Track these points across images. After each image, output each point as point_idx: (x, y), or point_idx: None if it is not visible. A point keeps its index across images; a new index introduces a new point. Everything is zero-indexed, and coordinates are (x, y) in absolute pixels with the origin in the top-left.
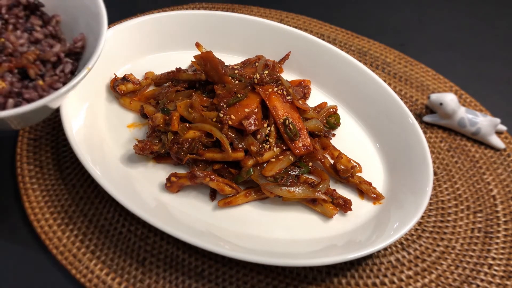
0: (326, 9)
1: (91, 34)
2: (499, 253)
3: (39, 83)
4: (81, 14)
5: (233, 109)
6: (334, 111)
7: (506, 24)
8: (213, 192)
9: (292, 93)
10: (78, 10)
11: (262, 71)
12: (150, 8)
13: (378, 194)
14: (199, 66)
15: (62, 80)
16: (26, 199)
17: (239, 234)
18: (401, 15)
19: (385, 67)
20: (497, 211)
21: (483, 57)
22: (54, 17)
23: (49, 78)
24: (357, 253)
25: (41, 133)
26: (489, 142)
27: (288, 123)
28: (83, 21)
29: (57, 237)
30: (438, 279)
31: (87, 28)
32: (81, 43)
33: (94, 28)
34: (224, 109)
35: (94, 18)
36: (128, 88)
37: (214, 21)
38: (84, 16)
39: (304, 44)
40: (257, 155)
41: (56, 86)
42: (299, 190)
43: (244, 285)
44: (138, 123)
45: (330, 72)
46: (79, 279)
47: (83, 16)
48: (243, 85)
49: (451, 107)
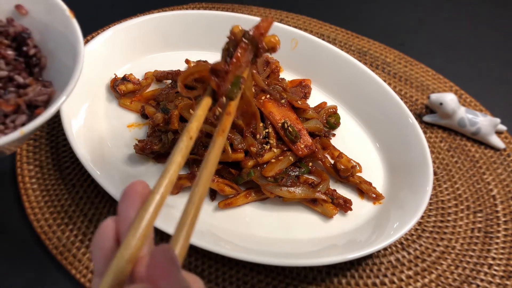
0: (326, 9)
1: (62, 84)
2: (499, 253)
3: None
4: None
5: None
6: (334, 111)
7: (506, 24)
8: (213, 193)
9: (286, 95)
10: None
11: (262, 70)
12: (150, 8)
13: (378, 194)
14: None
15: (7, 132)
16: (26, 199)
17: (239, 234)
18: (401, 15)
19: (385, 67)
20: (497, 211)
21: (483, 57)
22: (40, 58)
23: None
24: (357, 253)
25: (41, 133)
26: (489, 142)
27: (287, 126)
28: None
29: (57, 237)
30: (438, 279)
31: (64, 76)
32: (45, 97)
33: (65, 80)
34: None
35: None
36: (128, 88)
37: (214, 21)
38: (63, 60)
39: (304, 44)
40: (257, 156)
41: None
42: (299, 190)
43: (244, 285)
44: (138, 123)
45: (330, 72)
46: (79, 279)
47: (62, 60)
48: None
49: (451, 107)
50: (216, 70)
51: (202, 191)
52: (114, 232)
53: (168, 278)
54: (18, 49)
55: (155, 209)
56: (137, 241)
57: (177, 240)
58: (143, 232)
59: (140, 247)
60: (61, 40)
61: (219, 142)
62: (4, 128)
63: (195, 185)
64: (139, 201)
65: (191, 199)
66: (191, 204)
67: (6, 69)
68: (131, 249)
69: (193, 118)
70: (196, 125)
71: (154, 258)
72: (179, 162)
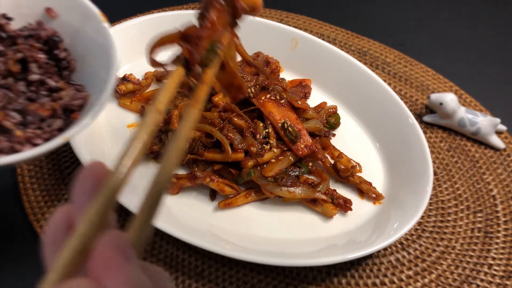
0: (326, 9)
1: (95, 90)
2: (499, 253)
3: (17, 133)
4: (91, 58)
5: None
6: (334, 111)
7: (506, 24)
8: (213, 192)
9: (286, 95)
10: (89, 53)
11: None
12: (150, 8)
13: (378, 194)
14: None
15: (44, 136)
16: (26, 199)
17: (239, 234)
18: (401, 15)
19: (385, 67)
20: (497, 211)
21: (483, 57)
22: (70, 61)
23: (31, 131)
24: (357, 253)
25: None
26: (489, 142)
27: (287, 126)
28: (93, 70)
29: None
30: (438, 279)
31: (95, 80)
32: (80, 101)
33: (100, 86)
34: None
35: (104, 76)
36: (128, 88)
37: None
38: (95, 64)
39: (304, 44)
40: (257, 156)
41: (35, 141)
42: (299, 190)
43: (244, 285)
44: (138, 123)
45: (330, 72)
46: None
47: (94, 63)
48: None
49: (451, 107)
50: (187, 36)
51: (169, 168)
52: (67, 223)
53: (113, 270)
54: (49, 53)
55: (113, 192)
56: (90, 229)
57: (134, 224)
58: (97, 219)
59: (93, 236)
60: (91, 43)
61: (192, 114)
62: (42, 132)
63: (160, 162)
64: (96, 185)
65: (156, 180)
66: (155, 185)
67: (38, 73)
68: (82, 239)
69: (162, 89)
70: (165, 98)
71: (99, 247)
72: (144, 140)
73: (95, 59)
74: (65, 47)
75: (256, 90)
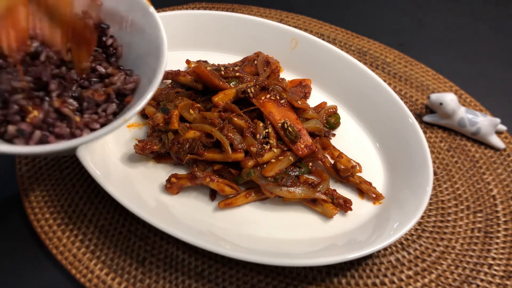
0: (326, 9)
1: (144, 74)
2: (499, 253)
3: (75, 119)
4: (139, 45)
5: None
6: (334, 111)
7: (506, 24)
8: (213, 192)
9: (286, 96)
10: (137, 42)
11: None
12: None
13: (378, 194)
14: (195, 78)
15: (101, 121)
16: (26, 199)
17: (239, 234)
18: (401, 15)
19: (385, 67)
20: (497, 211)
21: (483, 57)
22: (116, 48)
23: (87, 116)
24: (357, 253)
25: None
26: (489, 142)
27: (287, 126)
28: (139, 54)
29: (57, 237)
30: (438, 279)
31: (142, 64)
32: (132, 85)
33: (149, 70)
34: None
35: (153, 59)
36: None
37: (214, 21)
38: (142, 48)
39: (304, 44)
40: (257, 156)
41: (93, 126)
42: (299, 190)
43: (244, 285)
44: (138, 123)
45: (330, 72)
46: (79, 279)
47: (141, 48)
48: None
49: (451, 107)
50: None
51: None
52: None
53: None
54: (97, 40)
55: None
56: None
57: None
58: None
59: None
60: (137, 29)
61: None
62: (98, 117)
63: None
64: None
65: None
66: None
67: (88, 60)
68: None
69: None
70: None
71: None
72: None
73: (141, 44)
74: (111, 34)
75: (256, 90)
